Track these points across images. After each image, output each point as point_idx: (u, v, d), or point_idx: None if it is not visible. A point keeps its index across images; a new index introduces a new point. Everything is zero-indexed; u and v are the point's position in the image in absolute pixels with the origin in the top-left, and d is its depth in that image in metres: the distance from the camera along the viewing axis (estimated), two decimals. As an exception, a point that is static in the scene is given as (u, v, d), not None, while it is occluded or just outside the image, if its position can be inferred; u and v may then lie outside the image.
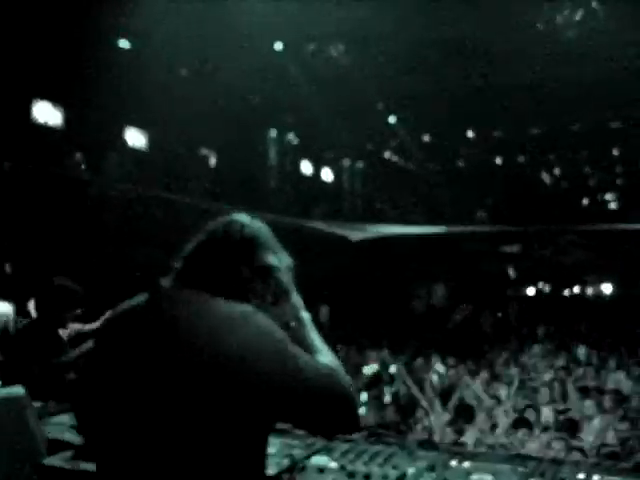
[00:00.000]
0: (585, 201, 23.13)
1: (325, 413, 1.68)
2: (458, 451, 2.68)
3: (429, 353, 13.01)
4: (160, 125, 15.37)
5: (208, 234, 1.90)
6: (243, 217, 1.95)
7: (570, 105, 15.97)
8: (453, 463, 2.39)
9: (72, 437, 2.74)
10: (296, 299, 1.91)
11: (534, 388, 9.18)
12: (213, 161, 17.89)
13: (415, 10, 12.36)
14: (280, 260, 1.90)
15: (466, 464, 2.39)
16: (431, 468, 2.35)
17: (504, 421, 7.87)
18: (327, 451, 2.57)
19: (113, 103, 13.17)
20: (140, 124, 15.41)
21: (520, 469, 2.31)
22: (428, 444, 2.77)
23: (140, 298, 1.84)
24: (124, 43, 13.56)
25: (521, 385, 9.27)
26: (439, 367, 11.05)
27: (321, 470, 2.40)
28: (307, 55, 14.73)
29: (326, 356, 1.80)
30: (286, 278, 1.89)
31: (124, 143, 15.12)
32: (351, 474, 2.35)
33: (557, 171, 23.60)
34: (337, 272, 16.29)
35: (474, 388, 8.73)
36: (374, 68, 14.82)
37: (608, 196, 23.74)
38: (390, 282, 19.09)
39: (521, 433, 7.25)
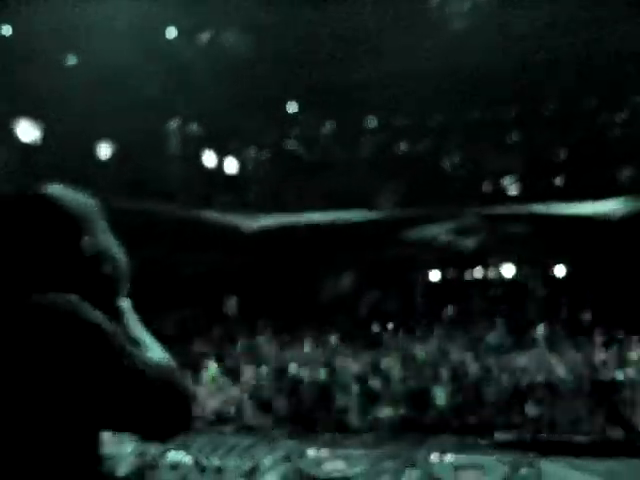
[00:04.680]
0: (486, 185, 23.69)
1: (165, 413, 1.52)
2: (321, 439, 2.63)
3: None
4: (54, 118, 14.78)
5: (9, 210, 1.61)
6: (63, 190, 1.66)
7: (467, 94, 16.33)
8: (310, 452, 2.34)
9: None
10: (121, 289, 1.68)
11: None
12: (112, 154, 17.34)
13: (310, 1, 12.37)
14: (112, 245, 1.68)
15: (323, 452, 2.34)
16: (287, 458, 2.29)
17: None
18: (184, 446, 2.47)
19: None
20: (32, 117, 14.78)
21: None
22: (296, 433, 2.70)
23: None
24: (6, 30, 12.79)
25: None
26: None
27: (174, 467, 2.30)
28: (204, 44, 14.43)
29: (157, 352, 1.61)
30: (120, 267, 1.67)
31: (14, 137, 14.43)
32: (203, 469, 2.26)
33: (458, 157, 24.10)
34: (240, 263, 16.12)
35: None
36: (273, 56, 14.69)
37: (507, 180, 24.43)
38: (296, 272, 19.06)
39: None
